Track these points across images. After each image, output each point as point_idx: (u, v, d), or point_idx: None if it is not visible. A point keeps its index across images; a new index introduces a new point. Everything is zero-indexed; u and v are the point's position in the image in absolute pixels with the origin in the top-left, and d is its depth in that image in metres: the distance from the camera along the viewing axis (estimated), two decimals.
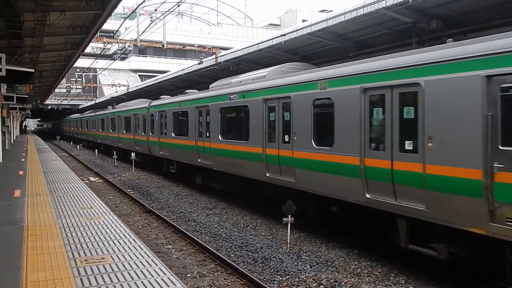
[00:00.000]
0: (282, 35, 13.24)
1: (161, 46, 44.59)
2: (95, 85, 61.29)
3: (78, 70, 47.68)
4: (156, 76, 32.12)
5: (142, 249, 6.16)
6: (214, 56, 18.94)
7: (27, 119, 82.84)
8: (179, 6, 17.45)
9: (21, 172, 14.90)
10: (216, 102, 13.37)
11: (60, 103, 54.78)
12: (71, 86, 52.69)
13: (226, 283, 7.15)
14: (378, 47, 11.90)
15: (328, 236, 9.59)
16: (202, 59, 20.39)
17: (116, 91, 43.67)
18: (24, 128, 76.48)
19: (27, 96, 19.57)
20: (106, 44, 47.39)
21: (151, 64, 64.14)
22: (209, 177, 14.90)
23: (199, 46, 47.92)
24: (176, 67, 36.43)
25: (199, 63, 20.17)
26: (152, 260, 5.66)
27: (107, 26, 19.87)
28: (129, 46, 50.40)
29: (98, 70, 53.63)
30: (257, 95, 11.06)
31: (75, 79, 53.25)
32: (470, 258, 6.66)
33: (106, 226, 7.51)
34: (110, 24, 34.25)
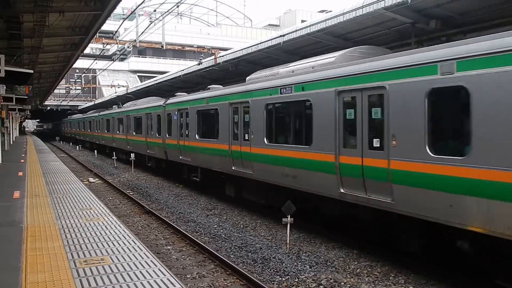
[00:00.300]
0: (281, 36, 13.27)
1: (160, 47, 44.49)
2: (95, 85, 61.25)
3: (78, 71, 47.64)
4: (155, 76, 32.10)
5: (142, 250, 6.16)
6: (213, 57, 18.99)
7: (26, 120, 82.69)
8: (178, 6, 17.43)
9: (20, 173, 14.88)
10: (259, 97, 11.03)
11: (59, 104, 54.76)
12: (71, 87, 52.73)
13: (226, 283, 7.15)
14: None
15: (327, 236, 9.60)
16: (201, 59, 20.42)
17: (115, 92, 43.65)
18: (22, 129, 76.32)
19: (26, 97, 19.50)
20: (105, 45, 47.32)
21: (150, 64, 64.22)
22: (245, 188, 12.53)
23: (198, 47, 47.85)
24: (175, 67, 36.45)
25: (198, 64, 20.21)
26: (152, 261, 5.65)
27: (106, 27, 19.82)
28: (128, 47, 50.47)
29: (97, 71, 53.60)
30: (325, 86, 8.78)
31: (74, 80, 53.26)
32: (470, 258, 6.67)
33: (106, 227, 7.50)
34: (109, 25, 34.23)
